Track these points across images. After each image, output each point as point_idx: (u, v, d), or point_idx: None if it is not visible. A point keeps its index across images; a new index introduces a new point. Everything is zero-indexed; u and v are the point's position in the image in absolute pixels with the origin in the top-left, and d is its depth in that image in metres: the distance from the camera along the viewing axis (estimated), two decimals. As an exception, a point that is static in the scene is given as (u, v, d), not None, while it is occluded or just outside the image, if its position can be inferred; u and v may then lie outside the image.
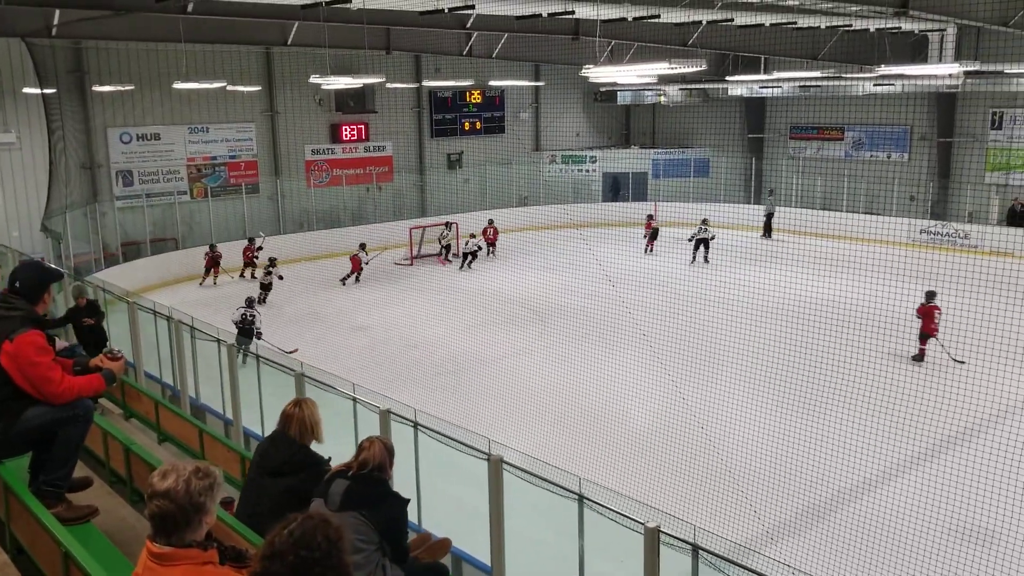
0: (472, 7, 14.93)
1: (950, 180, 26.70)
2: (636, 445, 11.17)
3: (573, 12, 15.03)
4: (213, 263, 22.62)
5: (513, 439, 10.51)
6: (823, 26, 17.86)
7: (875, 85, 23.66)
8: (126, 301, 11.80)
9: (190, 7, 15.61)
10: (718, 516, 8.53)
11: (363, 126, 28.02)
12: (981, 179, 26.05)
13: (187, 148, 24.66)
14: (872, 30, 19.11)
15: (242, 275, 23.11)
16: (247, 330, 14.97)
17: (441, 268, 22.44)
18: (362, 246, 22.88)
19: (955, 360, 14.74)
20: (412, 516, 7.99)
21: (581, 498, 6.59)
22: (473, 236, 24.63)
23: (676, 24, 17.28)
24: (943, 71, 19.92)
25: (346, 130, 27.74)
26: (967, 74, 20.96)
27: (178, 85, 20.43)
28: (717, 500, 9.10)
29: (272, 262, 20.69)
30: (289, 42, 23.42)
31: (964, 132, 26.38)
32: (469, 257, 24.39)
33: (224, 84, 22.41)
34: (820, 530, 8.92)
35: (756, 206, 28.79)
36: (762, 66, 24.95)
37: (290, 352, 14.05)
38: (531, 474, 6.58)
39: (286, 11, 17.03)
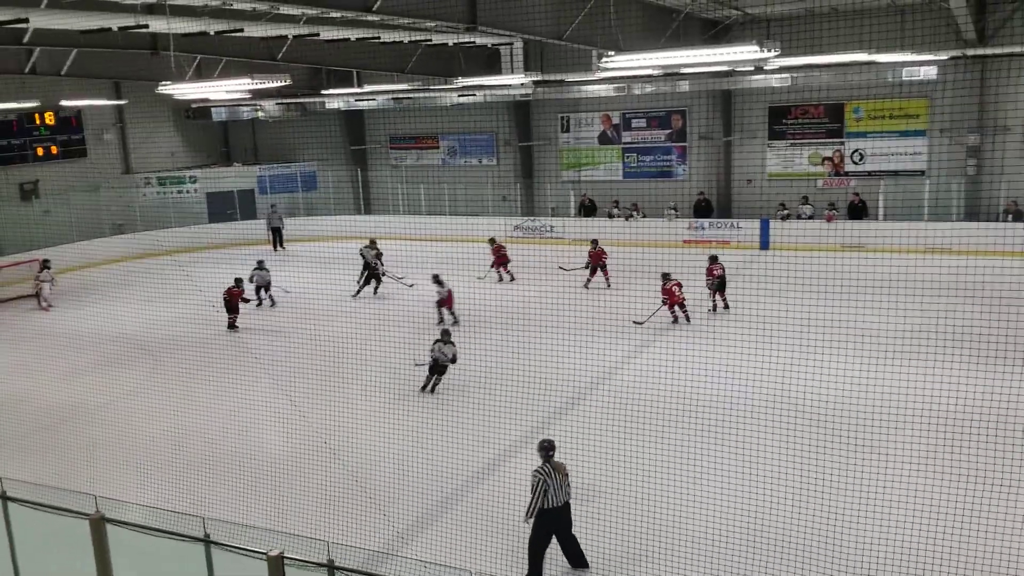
0: (27, 21, 13.34)
1: (534, 180, 29.67)
2: (269, 472, 10.82)
3: (147, 26, 14.07)
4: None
5: (131, 491, 9.64)
6: (406, 40, 18.75)
7: (459, 96, 25.39)
8: None
9: None
10: (356, 529, 8.59)
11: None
12: (559, 177, 29.33)
13: None
14: (451, 44, 20.51)
15: None
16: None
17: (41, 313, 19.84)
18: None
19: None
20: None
21: (207, 541, 6.22)
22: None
23: (262, 38, 17.02)
24: (514, 81, 22.04)
25: None
26: (536, 83, 23.37)
27: None
28: (352, 513, 9.13)
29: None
30: None
31: (540, 136, 29.45)
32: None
33: None
34: (449, 520, 9.34)
35: (366, 216, 29.47)
36: (355, 80, 25.55)
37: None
38: (145, 528, 6.05)
39: None
